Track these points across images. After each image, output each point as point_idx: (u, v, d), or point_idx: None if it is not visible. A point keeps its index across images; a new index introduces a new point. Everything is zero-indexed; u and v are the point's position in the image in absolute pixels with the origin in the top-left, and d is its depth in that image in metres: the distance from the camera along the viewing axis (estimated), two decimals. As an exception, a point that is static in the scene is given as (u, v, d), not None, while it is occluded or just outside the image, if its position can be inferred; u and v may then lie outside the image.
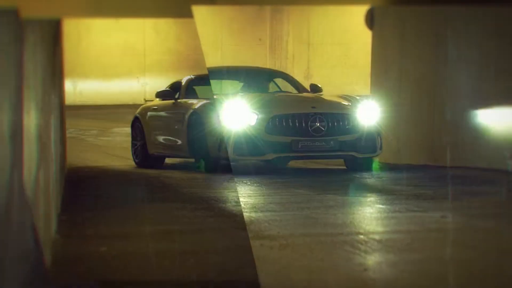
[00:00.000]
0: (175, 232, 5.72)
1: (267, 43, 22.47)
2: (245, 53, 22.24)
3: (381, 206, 6.96)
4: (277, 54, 22.04)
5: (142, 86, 23.41)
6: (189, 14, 4.65)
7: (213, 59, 21.47)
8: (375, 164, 10.52)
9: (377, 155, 10.51)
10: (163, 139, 11.57)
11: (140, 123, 12.21)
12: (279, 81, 12.22)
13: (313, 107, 10.21)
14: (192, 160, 11.03)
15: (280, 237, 5.18)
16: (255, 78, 12.24)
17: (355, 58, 20.07)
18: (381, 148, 10.45)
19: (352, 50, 20.33)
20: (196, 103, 10.79)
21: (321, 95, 11.27)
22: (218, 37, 22.73)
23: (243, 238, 5.19)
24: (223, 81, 12.44)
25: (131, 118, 17.44)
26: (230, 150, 9.89)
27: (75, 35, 22.41)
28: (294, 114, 10.04)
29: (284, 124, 9.98)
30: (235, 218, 6.17)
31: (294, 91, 11.86)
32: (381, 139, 10.45)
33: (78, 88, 22.91)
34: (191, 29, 23.22)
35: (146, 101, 12.79)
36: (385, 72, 12.96)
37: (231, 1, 10.29)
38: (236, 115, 9.97)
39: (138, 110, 12.54)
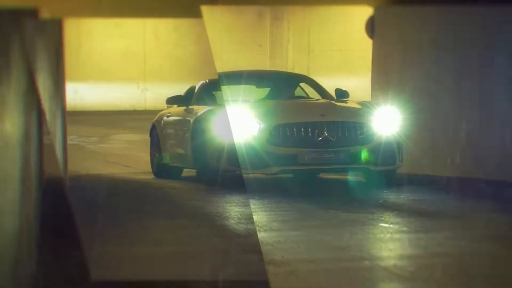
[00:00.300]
0: (179, 254, 5.67)
1: (267, 50, 22.46)
2: (245, 59, 22.22)
3: (384, 225, 6.90)
4: (277, 61, 22.04)
5: (142, 92, 23.39)
6: (197, 14, 4.62)
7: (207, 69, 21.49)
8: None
9: (397, 168, 9.62)
10: (175, 149, 10.89)
11: (157, 131, 11.60)
12: (303, 86, 11.39)
13: (322, 115, 9.41)
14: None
15: (285, 263, 5.14)
16: (279, 83, 11.44)
17: (355, 65, 20.07)
18: (401, 160, 9.58)
19: (352, 57, 20.33)
20: (201, 110, 10.15)
21: (346, 101, 10.36)
22: (217, 44, 22.70)
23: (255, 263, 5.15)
24: (243, 86, 11.51)
25: (130, 124, 17.17)
26: (230, 162, 9.30)
27: (75, 40, 22.39)
28: (300, 123, 9.28)
29: (288, 134, 9.25)
30: (242, 239, 6.12)
31: (317, 96, 11.02)
32: (401, 150, 9.58)
33: (79, 94, 22.89)
34: (191, 35, 23.21)
35: (168, 106, 11.94)
36: (385, 79, 12.93)
37: (234, 1, 10.02)
38: (237, 124, 9.32)
39: (156, 117, 11.92)
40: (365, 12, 14.82)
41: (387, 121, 9.55)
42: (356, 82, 19.64)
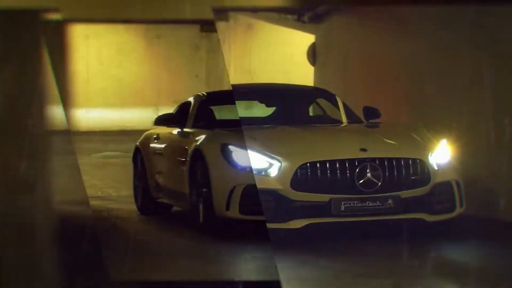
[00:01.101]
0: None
1: (203, 79, 22.51)
2: (181, 88, 22.10)
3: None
4: (212, 88, 22.11)
5: (86, 113, 23.10)
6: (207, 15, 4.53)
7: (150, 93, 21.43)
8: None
9: (457, 215, 7.38)
10: (167, 182, 8.58)
11: (142, 156, 9.24)
12: (321, 103, 9.09)
13: (363, 150, 7.13)
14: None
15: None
16: (291, 99, 8.98)
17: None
18: (462, 205, 7.40)
19: (294, 78, 20.38)
20: (201, 135, 7.76)
21: (378, 124, 8.24)
22: (154, 74, 22.61)
23: None
24: (247, 102, 9.57)
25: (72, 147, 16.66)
26: (243, 210, 7.06)
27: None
28: (334, 160, 7.00)
29: (319, 175, 6.97)
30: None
31: (338, 115, 8.65)
32: (462, 192, 7.39)
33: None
34: (134, 56, 23.00)
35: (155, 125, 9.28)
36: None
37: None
38: (249, 161, 7.06)
39: (140, 138, 9.50)
40: (305, 36, 14.89)
41: (443, 155, 7.43)
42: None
